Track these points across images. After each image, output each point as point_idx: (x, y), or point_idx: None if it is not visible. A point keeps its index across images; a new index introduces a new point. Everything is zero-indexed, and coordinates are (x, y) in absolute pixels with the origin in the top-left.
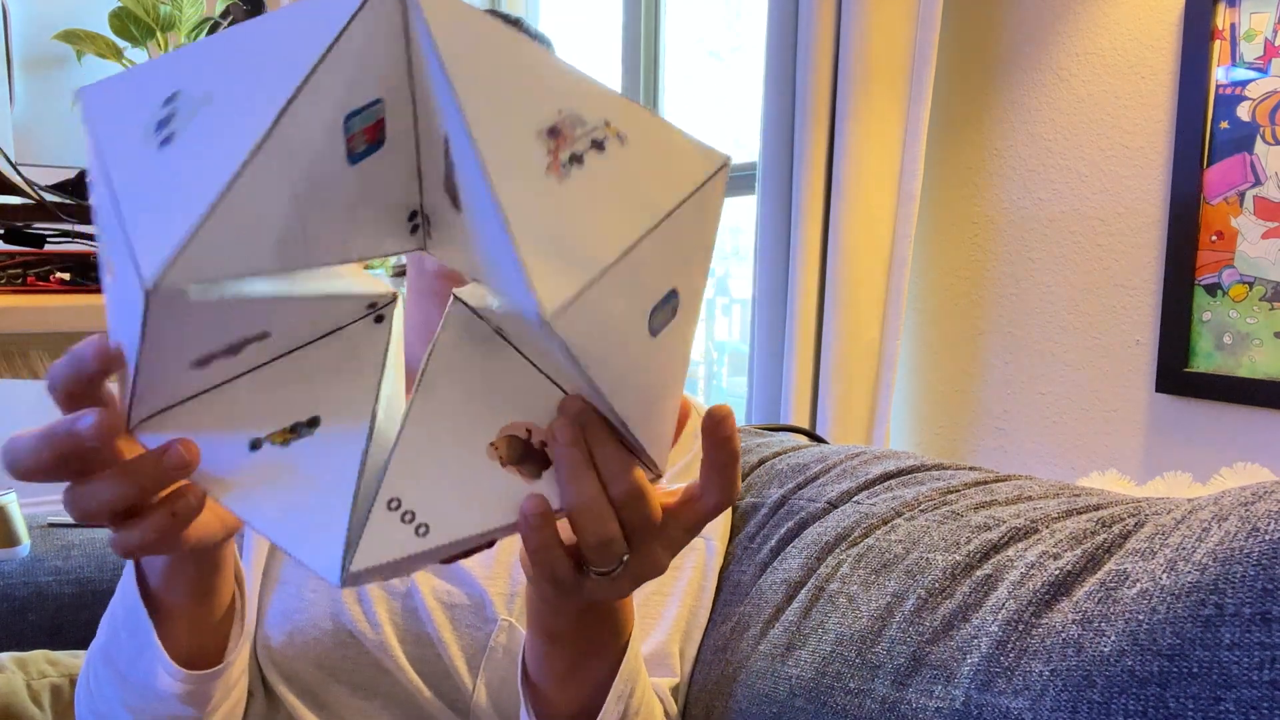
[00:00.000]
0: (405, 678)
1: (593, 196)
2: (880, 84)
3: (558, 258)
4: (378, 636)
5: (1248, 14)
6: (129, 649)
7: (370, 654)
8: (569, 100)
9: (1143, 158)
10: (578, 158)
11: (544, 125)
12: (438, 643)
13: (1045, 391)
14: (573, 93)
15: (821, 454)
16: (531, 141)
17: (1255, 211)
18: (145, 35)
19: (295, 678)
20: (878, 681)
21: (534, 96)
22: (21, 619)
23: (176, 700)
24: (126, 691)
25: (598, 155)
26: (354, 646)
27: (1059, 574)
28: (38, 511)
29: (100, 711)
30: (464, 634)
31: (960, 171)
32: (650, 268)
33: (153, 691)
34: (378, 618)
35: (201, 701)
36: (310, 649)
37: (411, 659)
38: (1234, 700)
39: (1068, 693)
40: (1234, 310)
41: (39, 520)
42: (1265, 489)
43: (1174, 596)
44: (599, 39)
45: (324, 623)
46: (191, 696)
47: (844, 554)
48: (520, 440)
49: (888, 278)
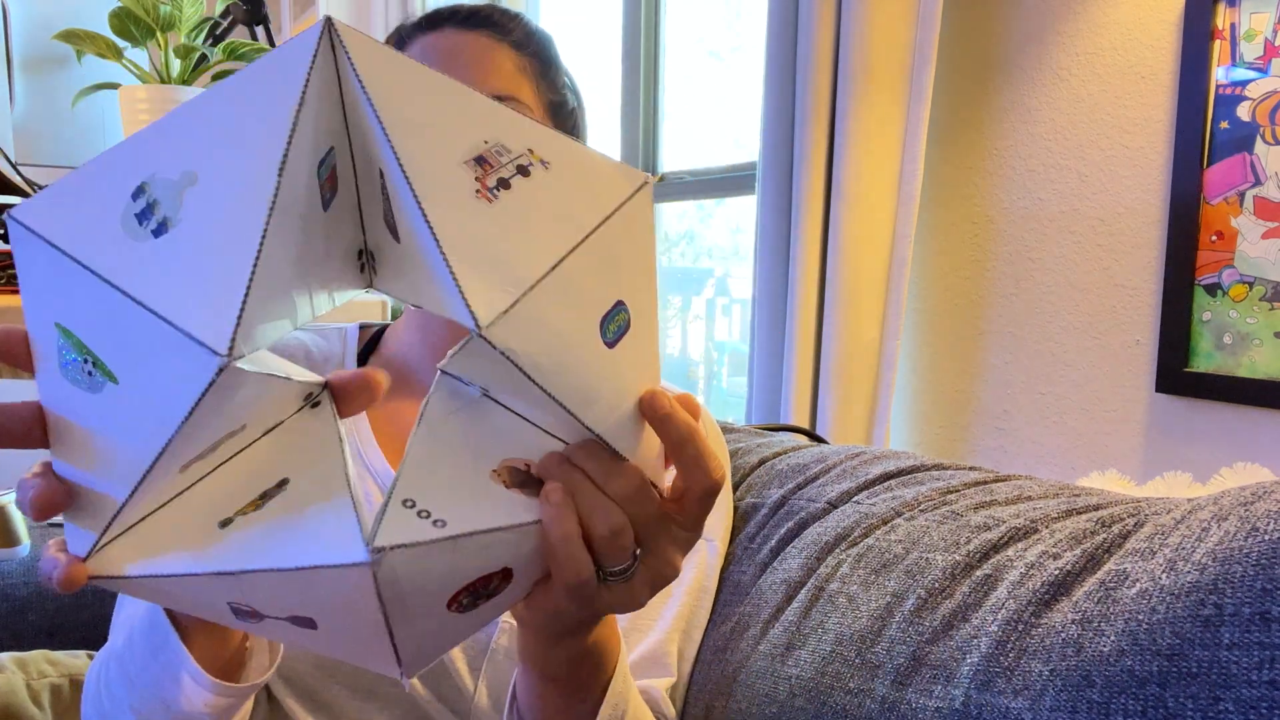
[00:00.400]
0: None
1: (521, 217)
2: (880, 84)
3: (491, 273)
4: None
5: (1248, 14)
6: (145, 649)
7: None
8: (493, 131)
9: (1143, 158)
10: (505, 182)
11: (471, 155)
12: None
13: (1045, 391)
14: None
15: (821, 454)
16: (460, 170)
17: (1255, 211)
18: (145, 35)
19: (294, 679)
20: (877, 681)
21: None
22: (21, 619)
23: (189, 701)
24: (135, 694)
25: (523, 180)
26: None
27: (1059, 574)
28: None
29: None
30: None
31: (960, 171)
32: (587, 280)
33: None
34: None
35: (219, 709)
36: (309, 651)
37: None
38: (1233, 700)
39: (1067, 692)
40: (1234, 310)
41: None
42: (1264, 489)
43: (1173, 596)
44: (599, 39)
45: None
46: (208, 705)
47: (844, 554)
48: (520, 470)
49: (888, 278)
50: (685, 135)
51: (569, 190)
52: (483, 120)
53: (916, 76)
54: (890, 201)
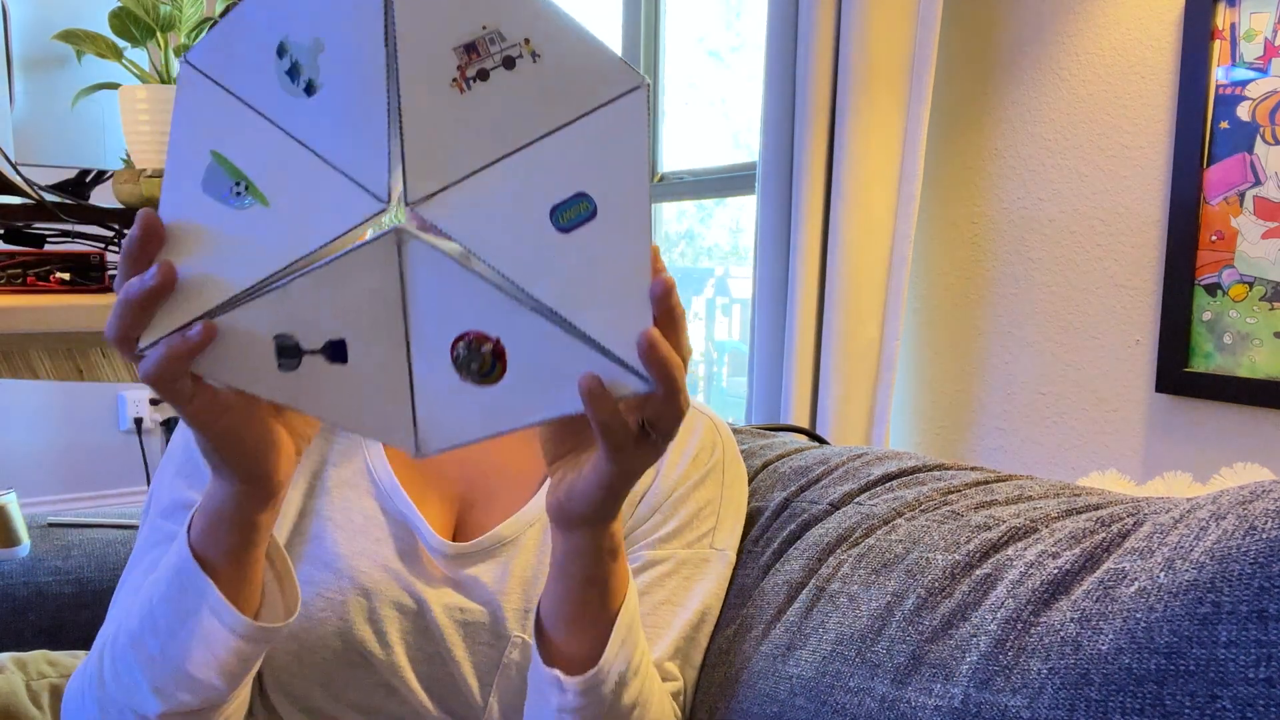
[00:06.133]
0: (414, 698)
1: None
2: (880, 84)
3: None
4: (388, 657)
5: (1248, 14)
6: (171, 618)
7: (378, 674)
8: (497, 15)
9: (1143, 158)
10: (484, 74)
11: (464, 40)
12: (450, 661)
13: (1045, 391)
14: (503, 8)
15: (823, 456)
16: (448, 56)
17: (1255, 211)
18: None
19: (300, 698)
20: (878, 680)
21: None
22: (21, 619)
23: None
24: (156, 672)
25: (504, 73)
26: (362, 667)
27: (1058, 573)
28: (38, 511)
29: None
30: (477, 651)
31: (960, 171)
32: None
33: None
34: (389, 638)
35: (244, 667)
36: (318, 670)
37: (422, 678)
38: (1230, 698)
39: (1066, 691)
40: (1234, 310)
41: (39, 520)
42: (1262, 488)
43: (1171, 595)
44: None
45: (333, 642)
46: (239, 659)
47: (845, 554)
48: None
49: (888, 278)
50: (685, 135)
51: (549, 86)
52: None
53: (916, 76)
54: (890, 201)
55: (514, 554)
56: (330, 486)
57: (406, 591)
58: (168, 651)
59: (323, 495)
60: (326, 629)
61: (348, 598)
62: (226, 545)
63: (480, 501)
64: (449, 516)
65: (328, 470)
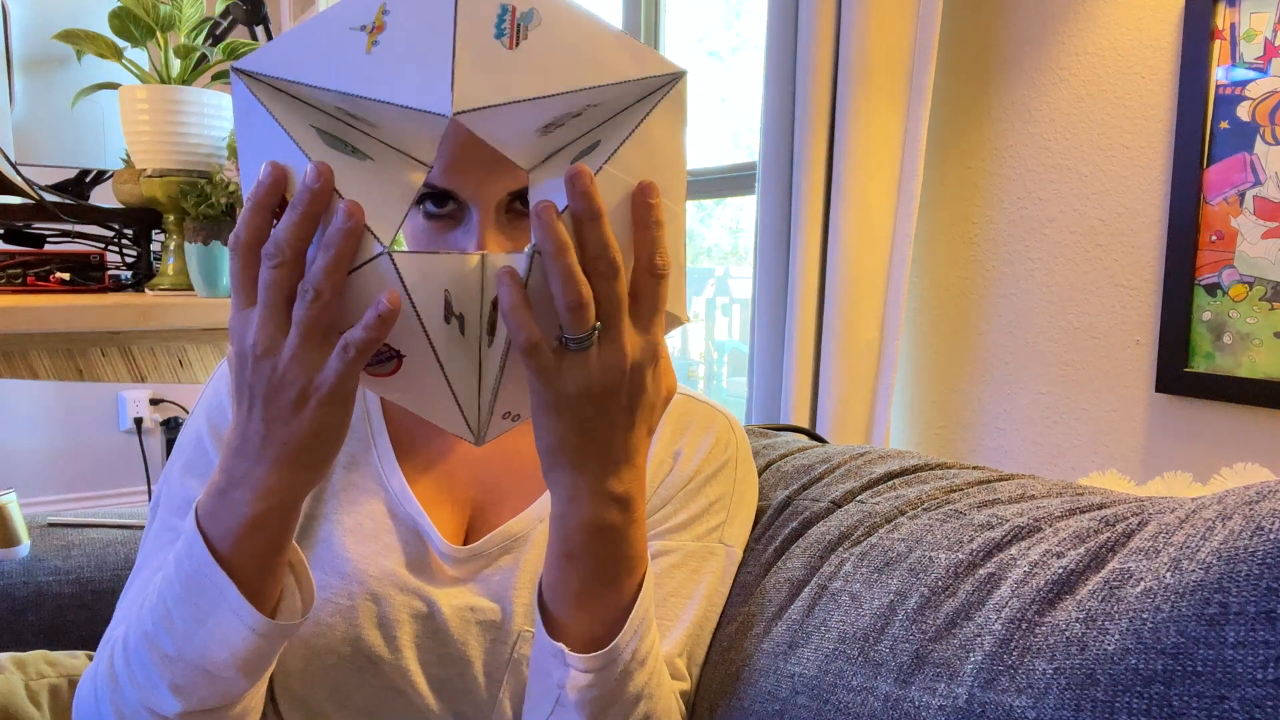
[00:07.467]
0: (421, 700)
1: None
2: (880, 84)
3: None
4: (397, 660)
5: (1248, 14)
6: (188, 618)
7: (386, 678)
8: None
9: (1143, 158)
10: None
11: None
12: (461, 661)
13: (1045, 391)
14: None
15: (826, 454)
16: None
17: (1255, 211)
18: (145, 35)
19: (307, 703)
20: (880, 679)
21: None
22: (21, 619)
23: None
24: (174, 671)
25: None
26: (370, 671)
27: (1062, 572)
28: (38, 511)
29: (132, 705)
30: (488, 649)
31: (960, 171)
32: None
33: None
34: (399, 642)
35: (263, 664)
36: (326, 675)
37: (431, 680)
38: (1238, 699)
39: (1071, 691)
40: (1234, 310)
41: (39, 520)
42: (1269, 488)
43: (1178, 595)
44: None
45: (341, 647)
46: (259, 656)
47: (847, 553)
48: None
49: (888, 278)
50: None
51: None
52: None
53: (916, 77)
54: (890, 201)
55: (525, 550)
56: (339, 490)
57: (416, 595)
58: (185, 651)
59: (332, 499)
60: (335, 635)
61: (356, 603)
62: (266, 541)
63: (491, 502)
64: (460, 519)
65: (337, 473)
